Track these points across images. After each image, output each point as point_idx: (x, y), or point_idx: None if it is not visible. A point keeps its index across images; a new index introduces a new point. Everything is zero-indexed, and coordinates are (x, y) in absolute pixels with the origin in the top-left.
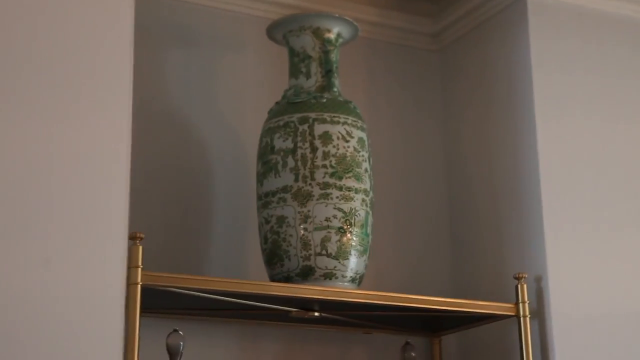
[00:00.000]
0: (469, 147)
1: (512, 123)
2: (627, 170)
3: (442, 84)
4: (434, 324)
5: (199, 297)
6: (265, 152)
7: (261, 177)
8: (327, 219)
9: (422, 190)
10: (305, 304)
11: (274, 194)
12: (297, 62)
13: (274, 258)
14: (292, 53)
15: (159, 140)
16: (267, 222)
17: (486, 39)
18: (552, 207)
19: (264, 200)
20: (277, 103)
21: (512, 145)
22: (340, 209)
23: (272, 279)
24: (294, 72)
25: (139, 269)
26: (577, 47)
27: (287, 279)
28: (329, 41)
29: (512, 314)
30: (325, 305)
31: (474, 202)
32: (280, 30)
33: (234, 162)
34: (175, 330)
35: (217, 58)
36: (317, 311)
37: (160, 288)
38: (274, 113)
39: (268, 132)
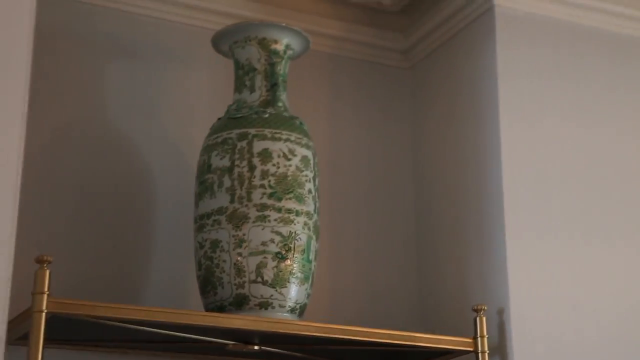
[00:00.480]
0: (437, 167)
1: (478, 139)
2: (596, 186)
3: (412, 102)
4: (393, 359)
5: (116, 327)
6: (202, 172)
7: (197, 198)
8: (263, 243)
9: (389, 213)
10: (243, 337)
11: (208, 216)
12: (241, 75)
13: (208, 286)
14: (237, 65)
15: (96, 159)
16: (202, 246)
17: (455, 52)
18: (515, 232)
19: (199, 223)
20: (219, 119)
21: (476, 162)
22: (278, 233)
23: (207, 309)
24: (238, 85)
25: (44, 296)
26: (547, 56)
27: (221, 309)
28: (275, 53)
29: (470, 349)
30: (265, 337)
31: (440, 226)
32: (225, 42)
33: (177, 184)
34: None
35: (161, 72)
36: (256, 344)
37: (69, 317)
38: (214, 129)
39: (206, 149)
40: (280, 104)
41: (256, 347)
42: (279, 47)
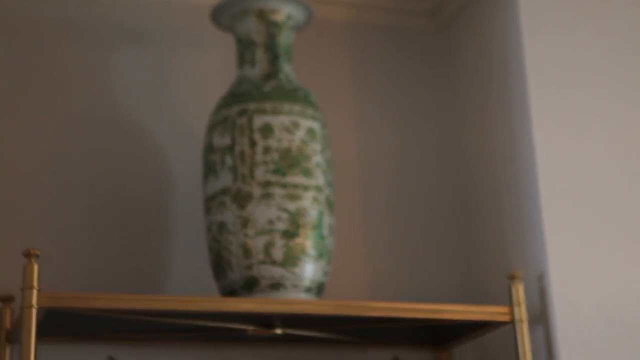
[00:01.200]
0: (469, 137)
1: (508, 106)
2: (636, 154)
3: (444, 67)
4: (433, 335)
5: (115, 318)
6: (206, 152)
7: (203, 180)
8: (270, 222)
9: (423, 186)
10: (261, 321)
11: (214, 197)
12: (242, 50)
13: (218, 270)
14: (238, 41)
15: (108, 147)
16: (210, 229)
17: (482, 9)
18: (551, 197)
19: (206, 205)
20: (222, 98)
21: (510, 129)
22: (285, 210)
23: (221, 294)
24: (240, 61)
25: (34, 290)
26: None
27: (232, 293)
28: (275, 24)
29: (507, 319)
30: (286, 320)
31: (479, 196)
32: (225, 17)
33: (192, 167)
34: (110, 358)
35: (169, 54)
36: (278, 328)
37: (63, 310)
38: (216, 108)
39: (209, 129)
40: (282, 76)
41: (278, 331)
42: (279, 17)
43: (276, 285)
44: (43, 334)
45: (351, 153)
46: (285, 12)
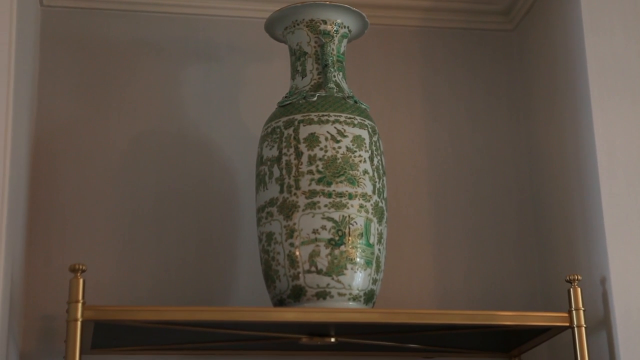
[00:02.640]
0: (540, 138)
1: (572, 112)
2: None
3: (520, 67)
4: (500, 342)
5: (161, 329)
6: (257, 164)
7: (256, 192)
8: (314, 231)
9: (492, 190)
10: (317, 329)
11: (263, 208)
12: (294, 61)
13: (268, 280)
14: (291, 52)
15: (176, 163)
16: (260, 240)
17: (549, 4)
18: (612, 200)
19: (257, 217)
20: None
21: (574, 136)
22: (330, 219)
23: (272, 303)
24: (292, 72)
25: (79, 304)
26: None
27: (281, 302)
28: (325, 33)
29: (566, 324)
30: (340, 328)
31: (546, 199)
32: (278, 29)
33: None
34: None
35: (237, 70)
36: (332, 336)
37: (109, 323)
38: (267, 120)
39: (260, 141)
40: (331, 86)
41: (332, 340)
42: (329, 27)
43: (322, 294)
44: (97, 346)
45: (422, 157)
46: (337, 22)
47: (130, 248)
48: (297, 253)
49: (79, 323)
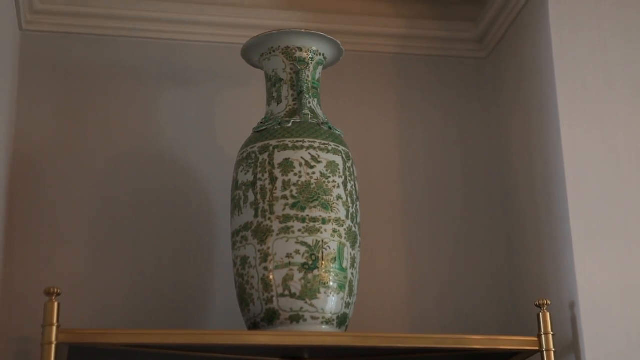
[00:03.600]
0: (511, 163)
1: (542, 133)
2: None
3: (493, 93)
4: None
5: (136, 352)
6: (233, 189)
7: (230, 216)
8: (288, 255)
9: (464, 215)
10: (291, 352)
11: (237, 232)
12: (269, 87)
13: (242, 303)
14: (267, 78)
15: (152, 184)
16: (235, 264)
17: (521, 33)
18: (580, 223)
19: (232, 240)
20: (250, 135)
21: (541, 156)
22: (303, 243)
23: (246, 327)
24: (268, 98)
25: (53, 327)
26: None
27: (255, 325)
28: (301, 60)
29: (535, 348)
30: (314, 352)
31: (517, 224)
32: (254, 56)
33: None
34: None
35: (213, 94)
36: (305, 359)
37: (83, 346)
38: (242, 145)
39: (235, 166)
40: (306, 112)
41: None
42: (305, 54)
43: (296, 318)
44: None
45: (395, 182)
46: (312, 49)
47: (106, 270)
48: (271, 277)
49: (53, 346)
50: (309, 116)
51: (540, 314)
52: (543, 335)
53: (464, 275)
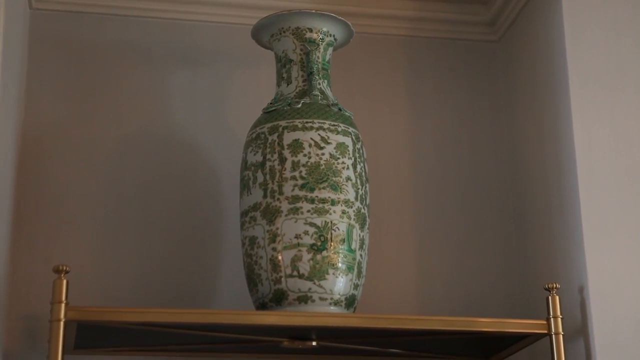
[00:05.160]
0: (521, 147)
1: (552, 117)
2: None
3: (504, 77)
4: (479, 348)
5: (144, 330)
6: (242, 169)
7: (240, 196)
8: (297, 236)
9: (474, 198)
10: (299, 333)
11: (246, 213)
12: (279, 68)
13: (251, 284)
14: (276, 59)
15: (162, 165)
16: (243, 244)
17: (533, 17)
18: (591, 209)
19: (241, 221)
20: (259, 116)
21: (553, 141)
22: (312, 224)
23: (254, 307)
24: (278, 79)
25: (62, 305)
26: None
27: (263, 306)
28: (311, 41)
29: (544, 331)
30: (322, 332)
31: (527, 207)
32: (264, 36)
33: None
34: None
35: (223, 75)
36: (313, 340)
37: (91, 324)
38: (252, 126)
39: (245, 147)
40: (316, 93)
41: (314, 343)
42: (315, 35)
43: (304, 298)
44: (80, 346)
45: (405, 165)
46: (322, 30)
47: (114, 249)
48: (280, 257)
49: (61, 323)
50: (319, 97)
51: (550, 297)
52: (552, 319)
53: (473, 258)
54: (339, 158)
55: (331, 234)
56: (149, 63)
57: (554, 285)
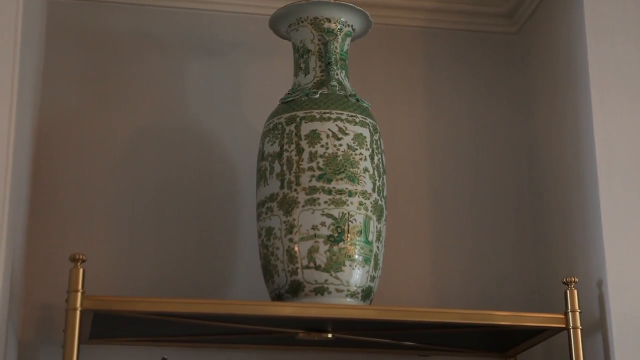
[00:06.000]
0: (540, 139)
1: (574, 112)
2: None
3: (523, 69)
4: (497, 342)
5: (160, 320)
6: (258, 160)
7: (256, 187)
8: (314, 227)
9: (491, 190)
10: (315, 325)
11: (263, 203)
12: (297, 58)
13: (267, 274)
14: (294, 49)
15: (178, 156)
16: (259, 235)
17: (553, 8)
18: (610, 203)
19: (257, 211)
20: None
21: (573, 136)
22: (329, 215)
23: (270, 298)
24: (295, 69)
25: (79, 294)
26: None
27: (279, 297)
28: (329, 31)
29: (562, 325)
30: (338, 325)
31: (545, 200)
32: (282, 26)
33: None
34: (164, 359)
35: (241, 66)
36: (329, 332)
37: (108, 313)
38: (269, 116)
39: (262, 137)
40: (334, 83)
41: (329, 335)
42: (333, 25)
43: (320, 290)
44: (95, 336)
45: (422, 157)
46: (341, 20)
47: (130, 240)
48: (296, 249)
49: (78, 312)
50: (337, 88)
51: (568, 291)
52: (570, 313)
53: (490, 252)
54: (356, 149)
55: (348, 225)
56: (165, 53)
57: (573, 279)
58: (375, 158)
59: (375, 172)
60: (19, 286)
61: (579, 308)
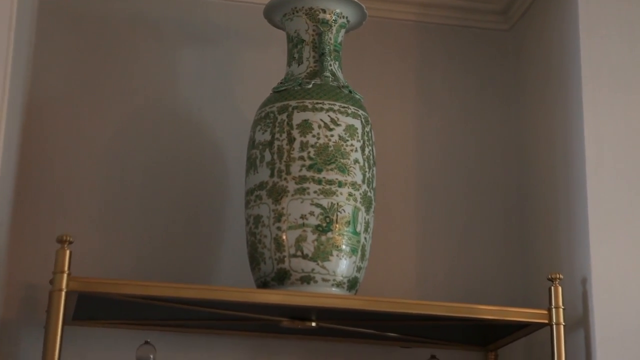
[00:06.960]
0: (529, 136)
1: (563, 111)
2: None
3: (515, 66)
4: (479, 336)
5: (143, 304)
6: (249, 148)
7: (245, 174)
8: (302, 217)
9: (479, 185)
10: (299, 313)
11: (252, 191)
12: (291, 48)
13: (253, 262)
14: (288, 38)
15: (167, 141)
16: (247, 222)
17: (547, 5)
18: (597, 202)
19: (246, 199)
20: (269, 95)
21: (563, 135)
22: (318, 205)
23: (255, 285)
24: (289, 58)
25: (64, 275)
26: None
27: (265, 284)
28: (324, 22)
29: (545, 321)
30: (322, 314)
31: (532, 198)
32: (277, 15)
33: None
34: (147, 342)
35: (233, 53)
36: (313, 321)
37: (93, 295)
38: (261, 105)
39: (253, 125)
40: (327, 74)
41: (314, 324)
42: (328, 16)
43: (306, 279)
44: (79, 317)
45: (412, 150)
46: (335, 11)
47: (117, 223)
48: (284, 237)
49: (63, 293)
50: (330, 79)
51: (552, 287)
52: (553, 309)
53: (475, 247)
54: (347, 140)
55: (337, 215)
56: (158, 38)
57: (557, 276)
58: (366, 150)
59: (366, 164)
60: (3, 265)
61: (563, 305)
